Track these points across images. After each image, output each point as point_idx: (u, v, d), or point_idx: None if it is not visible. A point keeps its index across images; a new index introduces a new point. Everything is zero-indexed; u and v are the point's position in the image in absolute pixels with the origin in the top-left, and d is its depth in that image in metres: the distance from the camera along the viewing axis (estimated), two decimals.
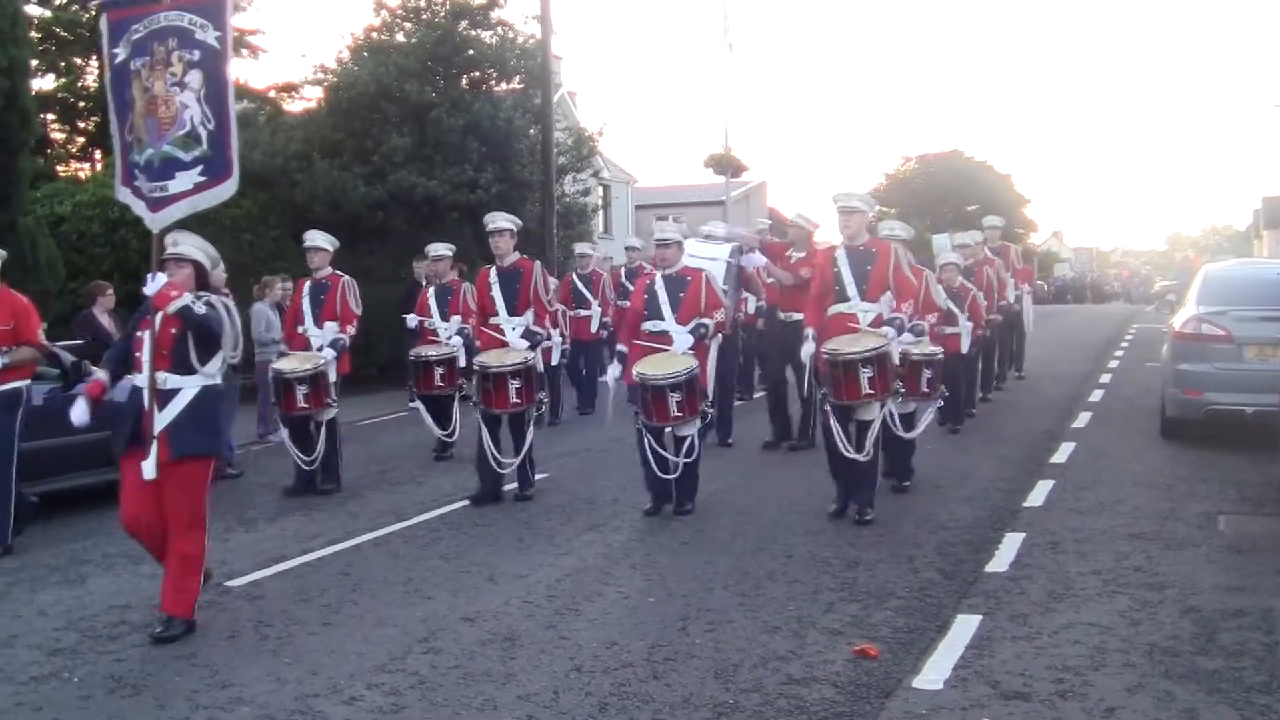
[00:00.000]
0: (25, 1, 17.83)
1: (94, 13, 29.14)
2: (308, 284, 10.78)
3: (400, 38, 22.50)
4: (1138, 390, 15.30)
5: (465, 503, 9.58)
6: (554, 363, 13.19)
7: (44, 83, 28.29)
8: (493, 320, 9.91)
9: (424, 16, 22.60)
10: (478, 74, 22.89)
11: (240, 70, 45.18)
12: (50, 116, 28.78)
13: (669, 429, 8.82)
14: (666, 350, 8.84)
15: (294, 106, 25.00)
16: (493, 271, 9.93)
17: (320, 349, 10.45)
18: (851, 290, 8.50)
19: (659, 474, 8.84)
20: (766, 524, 8.56)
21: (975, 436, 12.26)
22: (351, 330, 10.56)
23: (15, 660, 5.99)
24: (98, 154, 29.25)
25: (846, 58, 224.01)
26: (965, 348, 12.35)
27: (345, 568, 7.72)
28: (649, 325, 9.01)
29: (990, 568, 7.27)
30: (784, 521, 8.58)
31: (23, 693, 5.54)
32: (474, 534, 8.56)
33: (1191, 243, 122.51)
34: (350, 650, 6.01)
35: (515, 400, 9.49)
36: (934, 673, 5.47)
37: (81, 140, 30.59)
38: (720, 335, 9.36)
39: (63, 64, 29.35)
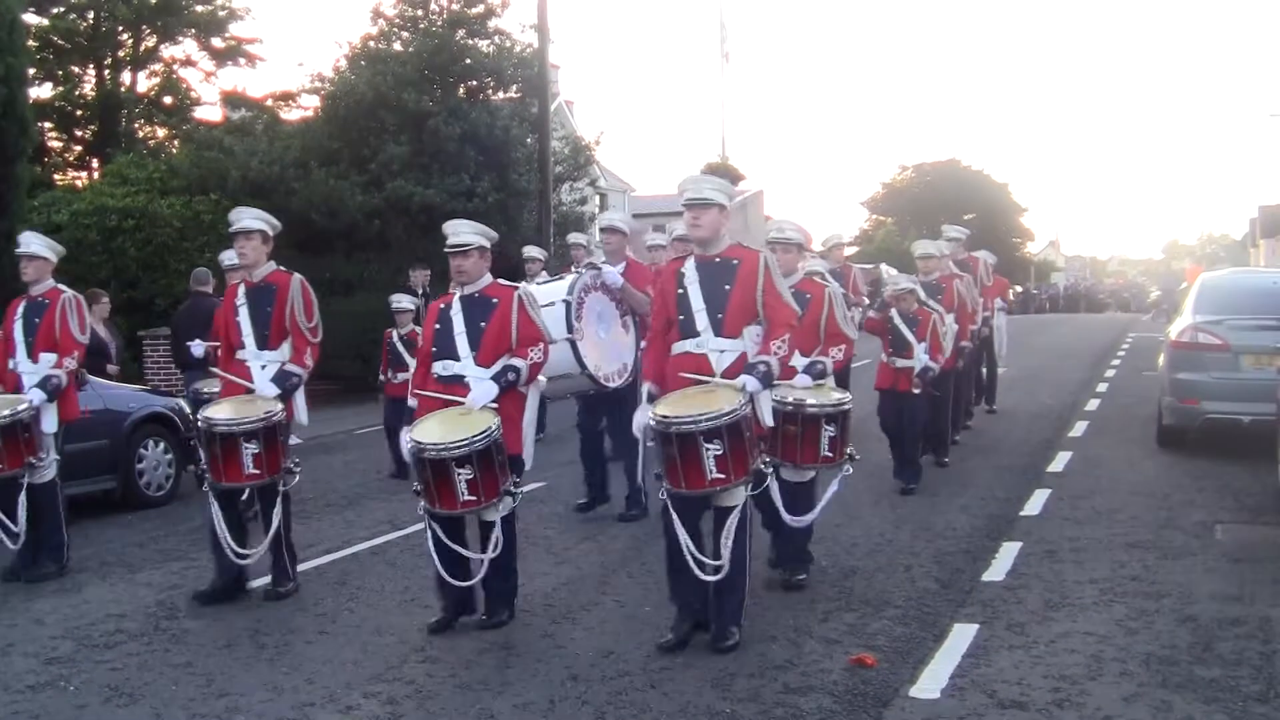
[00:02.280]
0: (23, 10, 17.80)
1: (91, 21, 29.21)
2: (21, 304, 8.07)
3: (397, 46, 22.52)
4: (1135, 399, 15.30)
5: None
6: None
7: (41, 91, 28.33)
8: (238, 354, 7.41)
9: (421, 25, 22.63)
10: (475, 83, 22.91)
11: (238, 79, 45.28)
12: (48, 125, 28.80)
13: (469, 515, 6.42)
14: (460, 403, 6.37)
15: (291, 115, 25.06)
16: (241, 290, 7.46)
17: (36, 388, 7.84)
18: (701, 320, 5.98)
19: (450, 579, 6.40)
20: (763, 532, 8.54)
21: (972, 446, 12.25)
22: (70, 364, 7.92)
23: (11, 669, 5.98)
24: (95, 162, 29.27)
25: (843, 67, 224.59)
26: (915, 385, 9.94)
27: (342, 577, 7.71)
28: (439, 368, 6.51)
29: (987, 577, 7.27)
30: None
31: (19, 701, 5.53)
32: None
33: (1188, 251, 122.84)
34: (347, 659, 6.00)
35: (252, 471, 6.97)
36: (931, 682, 5.47)
37: (79, 149, 30.62)
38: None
39: (60, 72, 29.41)
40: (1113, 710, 5.09)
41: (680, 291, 6.08)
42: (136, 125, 30.56)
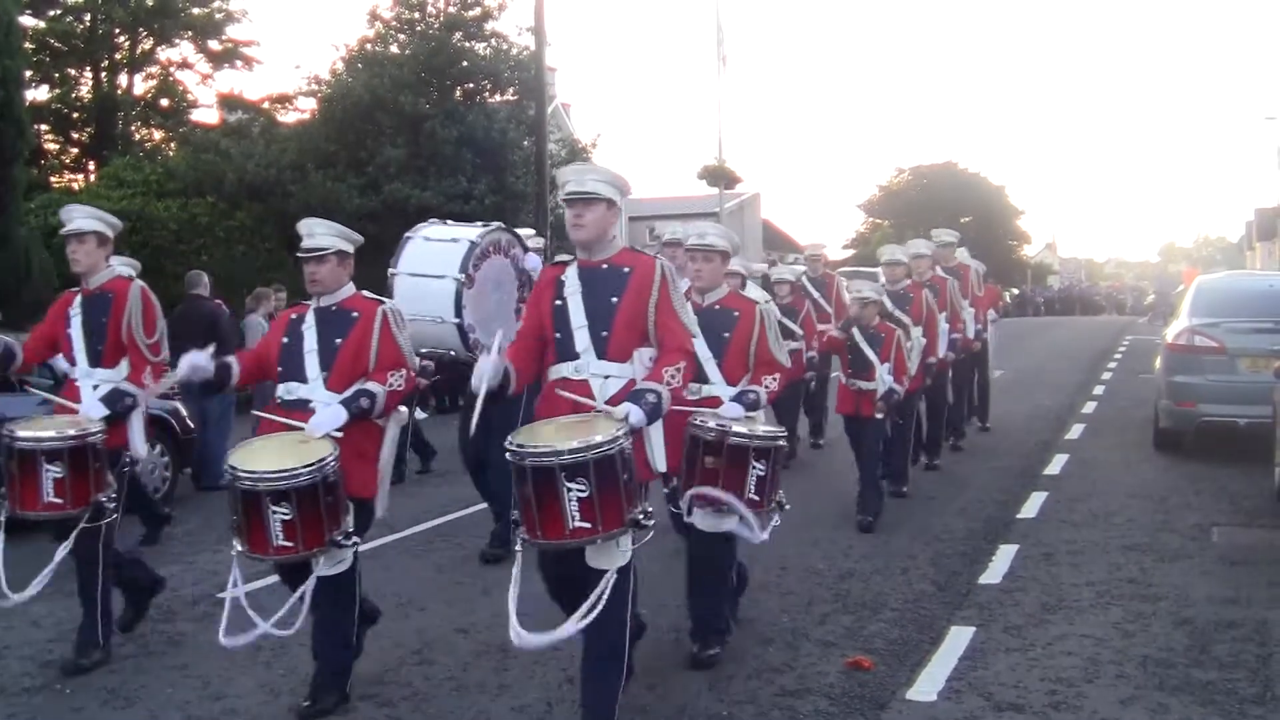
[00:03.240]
0: (20, 12, 17.81)
1: (88, 24, 29.20)
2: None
3: (394, 49, 22.53)
4: (1131, 401, 15.32)
5: (460, 514, 9.55)
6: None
7: (38, 93, 28.32)
8: (70, 372, 6.25)
9: (418, 28, 22.63)
10: (472, 85, 22.92)
11: (234, 82, 45.26)
12: (44, 127, 28.79)
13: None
14: (299, 430, 5.24)
15: (288, 118, 25.05)
16: (77, 300, 6.22)
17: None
18: (582, 339, 4.94)
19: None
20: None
21: (969, 449, 12.25)
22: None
23: (8, 672, 5.97)
24: (91, 165, 29.26)
25: (840, 69, 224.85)
26: (878, 410, 8.85)
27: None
28: (282, 391, 5.45)
29: (984, 579, 7.28)
30: (777, 532, 8.55)
31: (15, 705, 5.52)
32: (467, 546, 8.53)
33: (1185, 254, 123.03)
34: None
35: (53, 499, 5.69)
36: (928, 684, 5.48)
37: (75, 151, 30.61)
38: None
39: (57, 75, 29.39)
40: (1109, 713, 5.09)
41: (558, 303, 4.99)
42: (133, 128, 30.55)
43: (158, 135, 30.46)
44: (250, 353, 5.91)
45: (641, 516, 4.63)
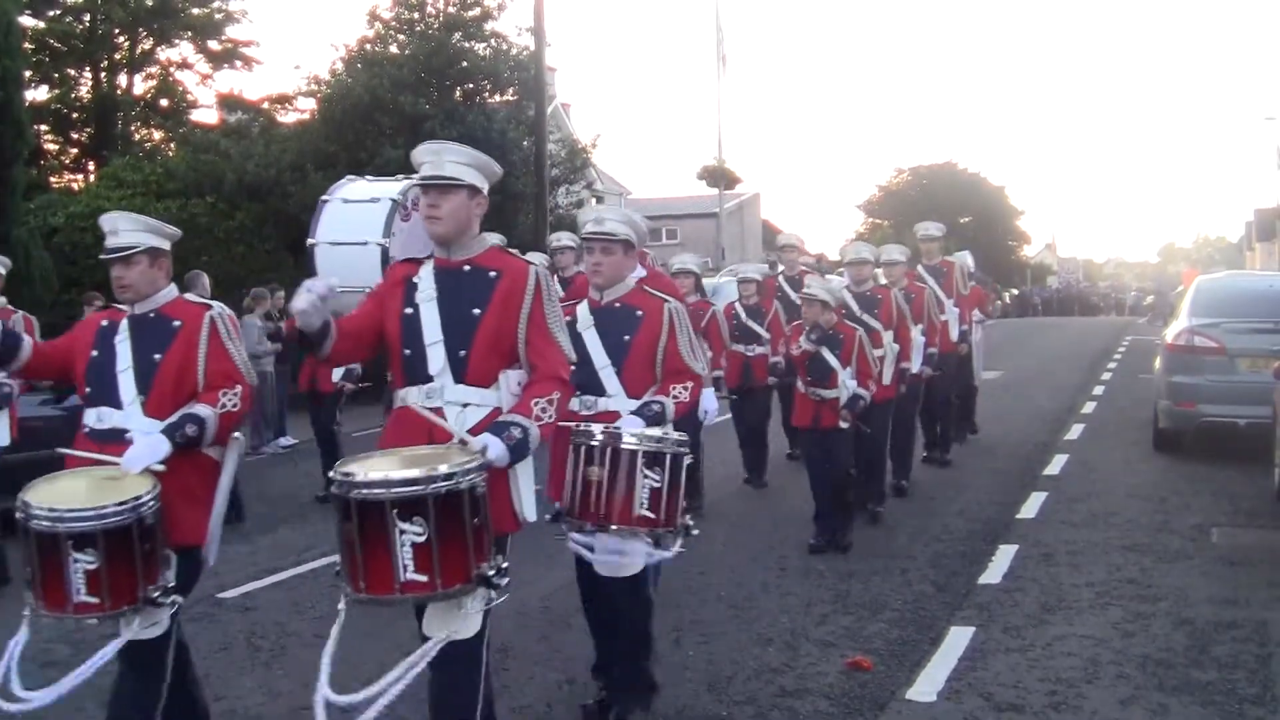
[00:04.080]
0: (19, 12, 17.81)
1: (87, 24, 29.21)
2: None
3: (394, 49, 22.53)
4: (1131, 402, 15.32)
5: None
6: None
7: (38, 94, 28.33)
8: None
9: (418, 28, 22.63)
10: (471, 86, 22.92)
11: (234, 82, 45.29)
12: (44, 128, 28.80)
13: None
14: (114, 465, 4.19)
15: (287, 118, 25.08)
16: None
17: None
18: (436, 358, 4.04)
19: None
20: (760, 536, 8.55)
21: (969, 449, 12.25)
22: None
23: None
24: (91, 165, 29.27)
25: (840, 69, 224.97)
26: (843, 419, 7.93)
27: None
28: (91, 418, 4.37)
29: (984, 580, 7.28)
30: (777, 534, 8.58)
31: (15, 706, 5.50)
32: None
33: (1184, 255, 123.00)
34: (343, 663, 5.98)
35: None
36: (927, 684, 5.48)
37: (75, 151, 30.64)
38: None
39: (56, 75, 29.40)
40: (1109, 713, 5.09)
41: (408, 312, 4.09)
42: (133, 128, 30.59)
43: (157, 135, 30.48)
44: (48, 345, 4.78)
45: (494, 573, 3.75)
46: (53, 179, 28.68)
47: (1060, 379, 18.98)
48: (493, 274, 4.09)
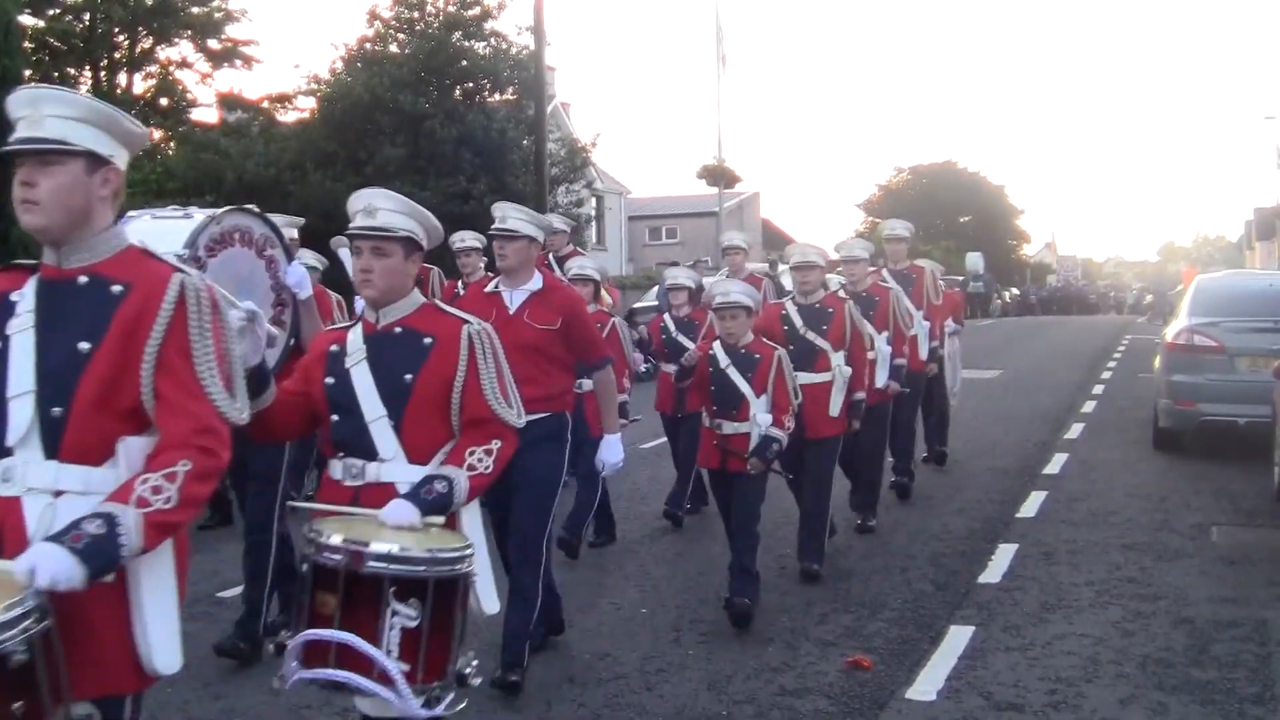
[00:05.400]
0: (19, 11, 17.80)
1: (87, 23, 29.20)
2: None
3: (394, 49, 22.57)
4: (1131, 401, 15.32)
5: None
6: None
7: None
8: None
9: (417, 28, 22.67)
10: (471, 85, 22.95)
11: (234, 81, 45.27)
12: None
13: None
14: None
15: (287, 117, 25.08)
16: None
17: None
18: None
19: None
20: (760, 536, 8.53)
21: (968, 449, 12.25)
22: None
23: None
24: None
25: (840, 69, 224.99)
26: (751, 466, 6.29)
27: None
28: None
29: (983, 579, 7.28)
30: (778, 534, 8.56)
31: None
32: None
33: (1184, 254, 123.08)
34: None
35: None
36: (927, 684, 5.48)
37: None
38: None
39: (56, 74, 29.34)
40: (1109, 712, 5.09)
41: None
42: None
43: (157, 135, 30.45)
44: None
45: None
46: None
47: (1060, 378, 18.97)
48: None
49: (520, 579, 5.38)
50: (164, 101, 30.88)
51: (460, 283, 9.71)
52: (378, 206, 3.65)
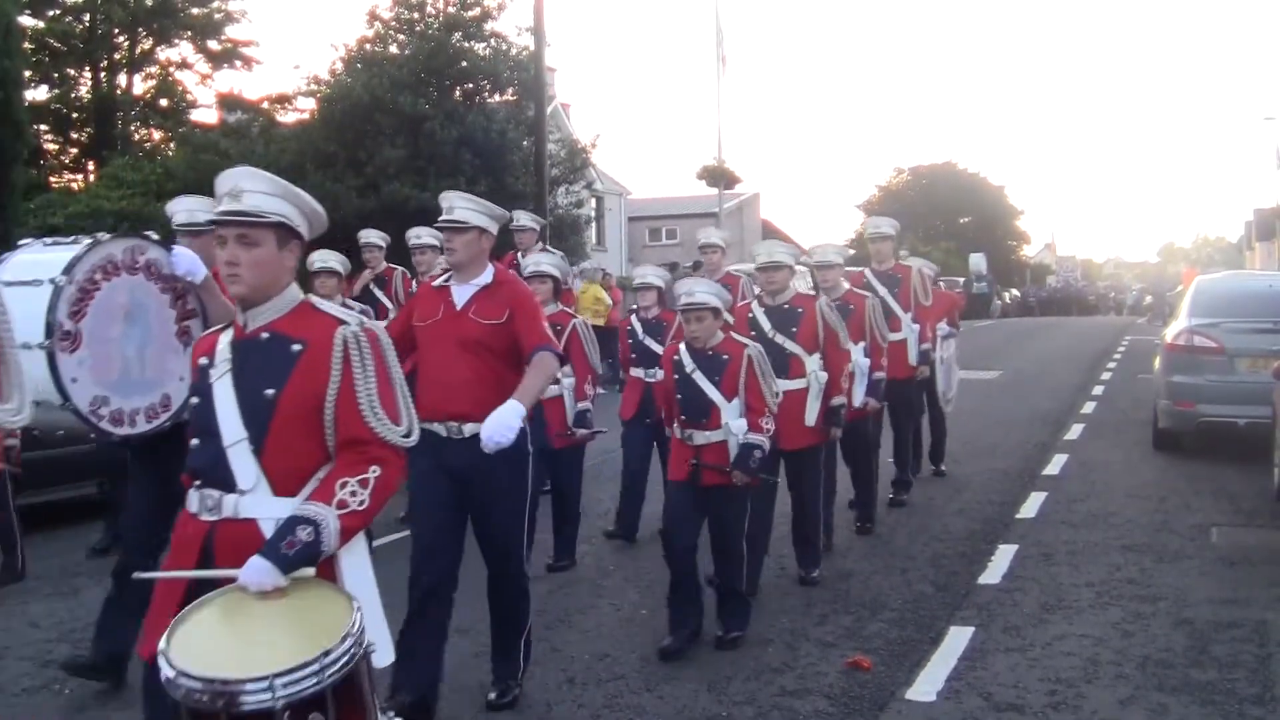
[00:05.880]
0: (19, 12, 17.81)
1: (87, 24, 29.21)
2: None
3: (394, 49, 22.57)
4: (1130, 402, 15.32)
5: None
6: None
7: (37, 94, 28.35)
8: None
9: (417, 28, 22.67)
10: (471, 86, 22.95)
11: (234, 82, 45.28)
12: (44, 127, 28.81)
13: None
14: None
15: (287, 118, 25.08)
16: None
17: None
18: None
19: None
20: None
21: (968, 449, 12.25)
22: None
23: (6, 672, 5.97)
24: (91, 165, 29.28)
25: (840, 70, 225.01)
26: (736, 479, 5.83)
27: None
28: None
29: (983, 579, 7.28)
30: (777, 534, 8.55)
31: (14, 705, 5.51)
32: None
33: (1184, 255, 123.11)
34: None
35: None
36: (927, 684, 5.48)
37: (75, 151, 30.64)
38: None
39: (56, 75, 29.41)
40: (1109, 713, 5.09)
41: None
42: (132, 128, 30.61)
43: (157, 135, 30.51)
44: None
45: None
46: (53, 179, 28.69)
47: (1060, 379, 18.96)
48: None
49: (503, 572, 5.28)
50: (164, 102, 30.93)
51: (414, 282, 9.41)
52: (243, 189, 3.26)
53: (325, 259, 8.79)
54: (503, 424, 4.65)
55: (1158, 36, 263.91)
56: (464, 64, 22.54)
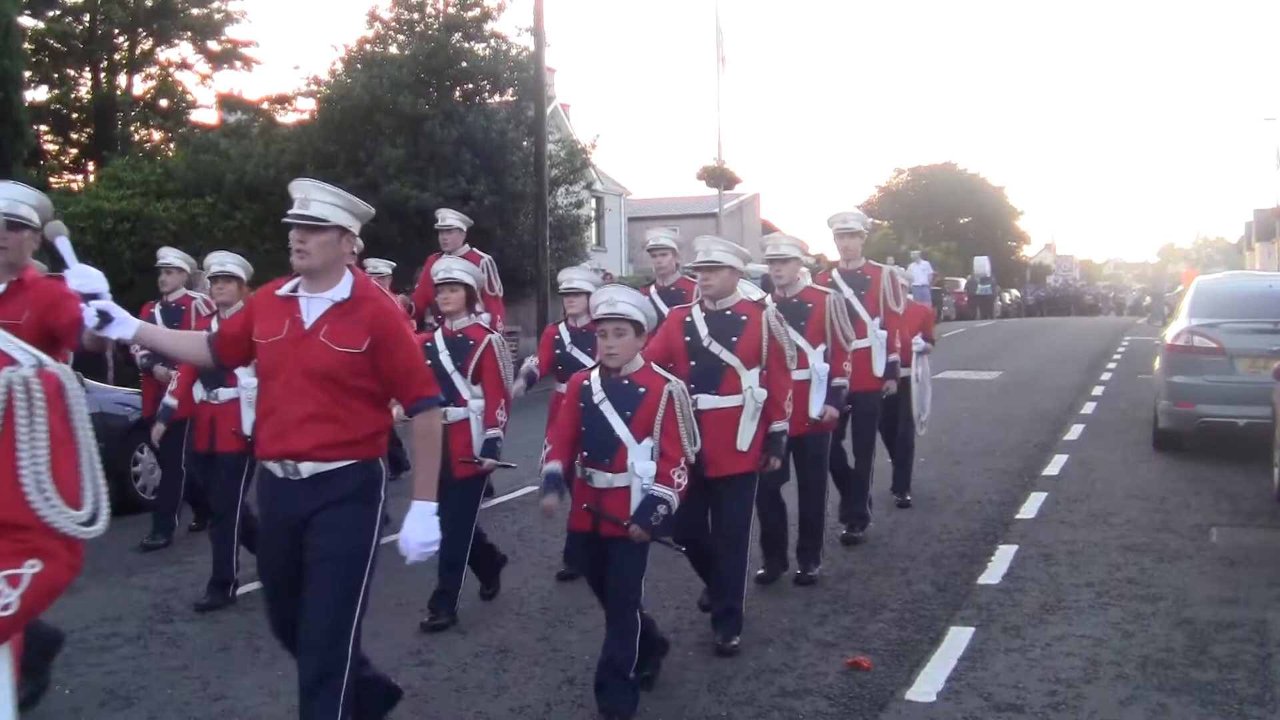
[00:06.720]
0: (18, 12, 17.82)
1: (87, 24, 29.21)
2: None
3: (393, 50, 22.54)
4: (1130, 402, 15.32)
5: None
6: None
7: (37, 94, 28.34)
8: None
9: (417, 29, 22.64)
10: (471, 86, 22.93)
11: (234, 82, 45.23)
12: (43, 128, 28.81)
13: None
14: None
15: (287, 118, 25.05)
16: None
17: None
18: None
19: None
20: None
21: (968, 449, 12.26)
22: None
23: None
24: (90, 165, 29.27)
25: (840, 70, 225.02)
26: (634, 527, 4.99)
27: None
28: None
29: (983, 580, 7.28)
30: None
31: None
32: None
33: (1184, 255, 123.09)
34: None
35: None
36: (927, 684, 5.48)
37: (74, 152, 30.63)
38: None
39: (56, 75, 29.40)
40: (1109, 713, 5.10)
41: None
42: (132, 128, 30.58)
43: (157, 135, 30.48)
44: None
45: None
46: (52, 179, 28.64)
47: (1060, 379, 18.96)
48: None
49: (313, 695, 4.11)
50: (164, 103, 30.90)
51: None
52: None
53: (223, 262, 7.84)
54: (421, 532, 4.38)
55: (1158, 37, 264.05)
56: (464, 64, 22.51)
